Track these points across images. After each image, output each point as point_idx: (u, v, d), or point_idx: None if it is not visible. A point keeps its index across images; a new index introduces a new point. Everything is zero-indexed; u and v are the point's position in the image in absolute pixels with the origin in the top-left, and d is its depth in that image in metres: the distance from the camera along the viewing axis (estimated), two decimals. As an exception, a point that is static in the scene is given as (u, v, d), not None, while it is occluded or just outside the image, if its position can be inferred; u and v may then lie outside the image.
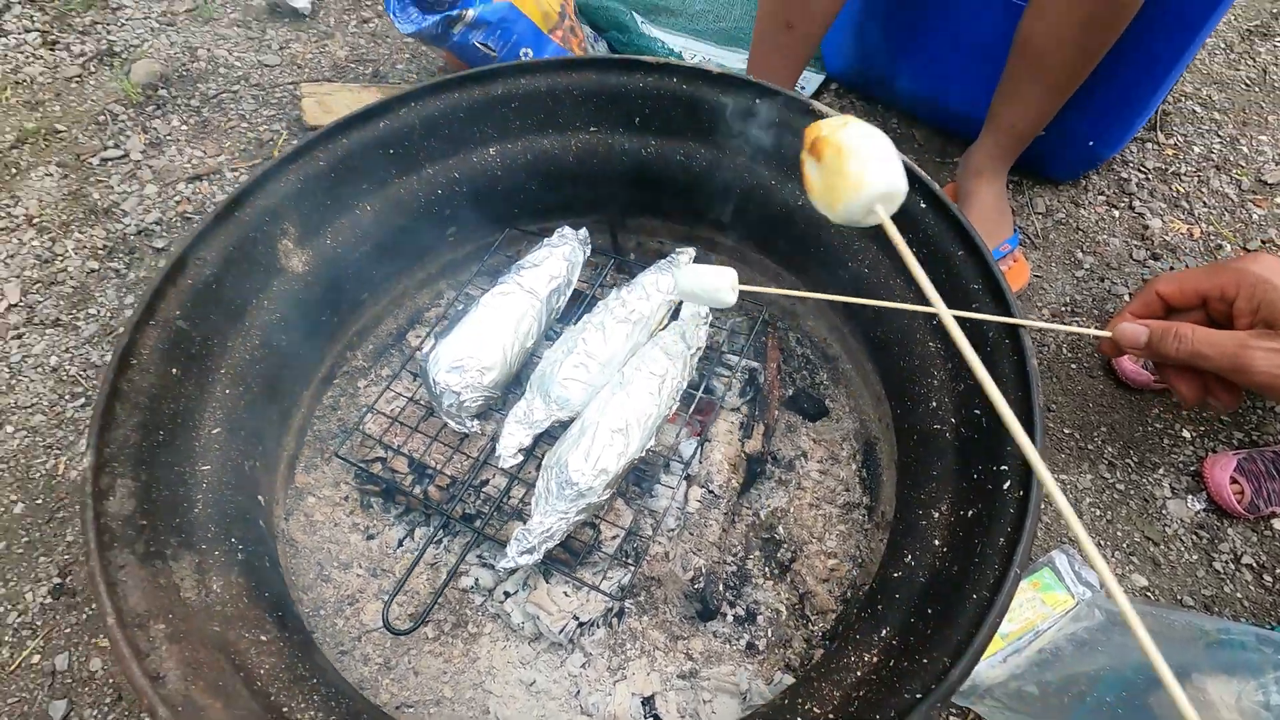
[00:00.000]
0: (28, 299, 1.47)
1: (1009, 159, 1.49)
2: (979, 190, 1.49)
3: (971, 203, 1.50)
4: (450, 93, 1.00)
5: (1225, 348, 0.54)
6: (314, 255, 0.97)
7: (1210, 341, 0.55)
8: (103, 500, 0.66)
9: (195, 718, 0.55)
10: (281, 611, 0.74)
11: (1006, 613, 0.56)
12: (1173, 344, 0.57)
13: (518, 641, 0.89)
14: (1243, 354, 0.54)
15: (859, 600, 0.84)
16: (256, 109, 1.83)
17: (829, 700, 0.61)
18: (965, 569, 0.62)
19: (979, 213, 1.49)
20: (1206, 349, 0.55)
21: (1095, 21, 1.17)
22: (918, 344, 0.85)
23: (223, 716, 0.57)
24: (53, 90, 1.85)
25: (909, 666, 0.58)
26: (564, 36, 1.66)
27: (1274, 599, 1.15)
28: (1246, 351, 0.53)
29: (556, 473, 0.83)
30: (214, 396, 0.83)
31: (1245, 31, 2.14)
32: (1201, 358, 0.56)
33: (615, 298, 0.97)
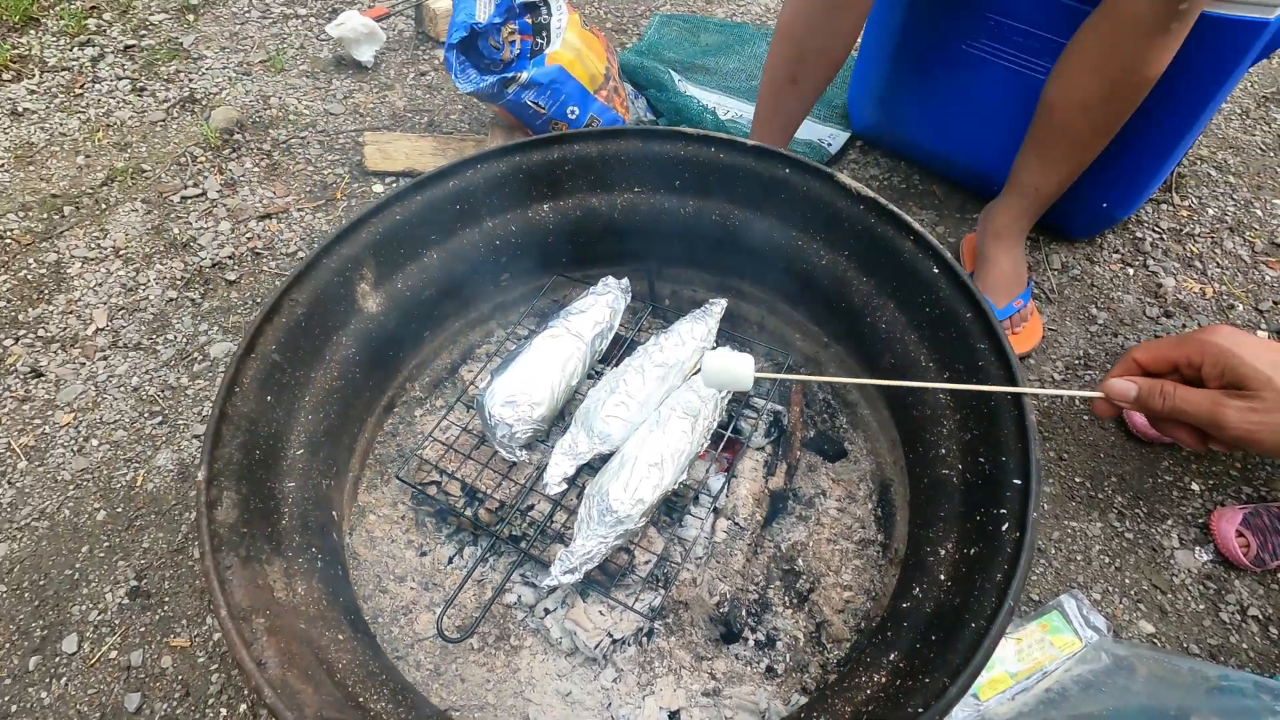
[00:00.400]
0: (113, 324, 1.62)
1: (1030, 220, 1.55)
2: (998, 254, 1.55)
3: (990, 266, 1.56)
4: (513, 156, 1.13)
5: (1202, 405, 0.61)
6: (386, 298, 1.08)
7: (1188, 399, 0.62)
8: (213, 509, 0.76)
9: (292, 699, 0.64)
10: (353, 615, 0.84)
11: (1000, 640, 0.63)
12: (1158, 400, 0.64)
13: (555, 655, 0.98)
14: (1217, 410, 0.60)
15: (871, 629, 0.91)
16: (321, 154, 1.98)
17: (841, 715, 0.68)
18: (966, 601, 0.70)
19: (997, 275, 1.55)
20: (1186, 405, 0.62)
21: (1118, 91, 1.24)
22: (929, 395, 0.93)
23: (313, 700, 0.66)
24: (139, 133, 2.03)
25: (912, 685, 0.65)
26: (608, 96, 1.79)
27: (1279, 651, 1.19)
28: (1221, 409, 0.60)
29: (598, 501, 0.92)
30: (299, 421, 0.94)
31: (1261, 98, 2.22)
32: (1182, 413, 0.63)
33: (654, 343, 1.07)
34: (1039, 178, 1.45)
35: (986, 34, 1.55)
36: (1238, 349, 0.60)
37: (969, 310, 0.90)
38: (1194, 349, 0.63)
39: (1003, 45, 1.54)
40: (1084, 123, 1.31)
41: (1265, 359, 0.59)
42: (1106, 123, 1.31)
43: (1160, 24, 1.15)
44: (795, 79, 1.43)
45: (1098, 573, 1.27)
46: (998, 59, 1.56)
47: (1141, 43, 1.18)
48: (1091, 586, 1.26)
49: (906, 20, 1.65)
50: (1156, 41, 1.17)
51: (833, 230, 1.07)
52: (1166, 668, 1.09)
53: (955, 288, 0.92)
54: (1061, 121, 1.34)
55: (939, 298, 0.93)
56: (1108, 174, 1.61)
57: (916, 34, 1.65)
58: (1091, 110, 1.28)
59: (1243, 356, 0.59)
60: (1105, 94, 1.26)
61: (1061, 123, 1.34)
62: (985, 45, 1.56)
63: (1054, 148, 1.39)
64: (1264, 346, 0.60)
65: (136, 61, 2.24)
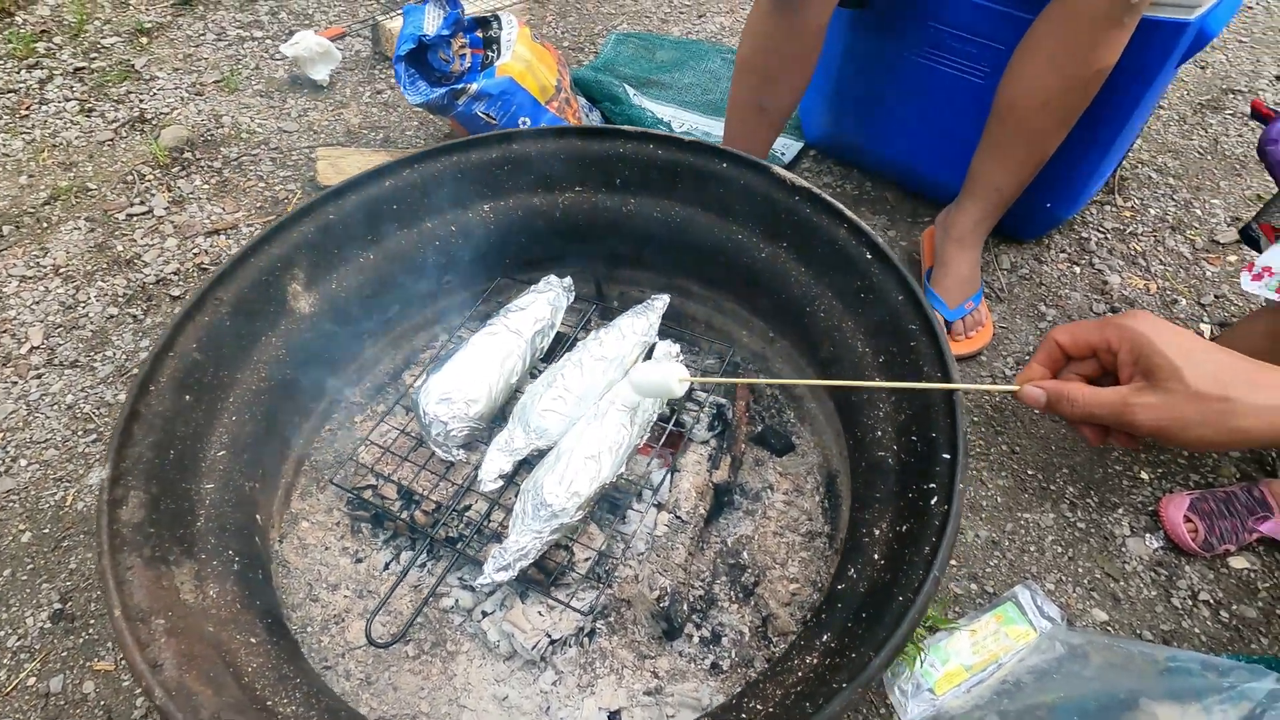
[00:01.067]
0: (49, 342, 1.57)
1: (991, 223, 1.55)
2: (959, 259, 1.55)
3: (948, 270, 1.56)
4: (450, 156, 1.12)
5: (1112, 406, 0.60)
6: (320, 298, 1.06)
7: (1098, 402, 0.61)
8: (117, 508, 0.73)
9: (187, 701, 0.61)
10: (271, 620, 0.80)
11: (926, 611, 0.61)
12: (1067, 406, 0.63)
13: (494, 660, 0.94)
14: (1126, 411, 0.59)
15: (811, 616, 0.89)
16: (274, 170, 1.97)
17: (771, 698, 0.66)
18: (895, 577, 0.68)
19: (953, 280, 1.55)
20: (1095, 409, 0.61)
21: (1073, 84, 1.27)
22: (867, 378, 0.93)
23: (212, 702, 0.62)
24: (86, 153, 2.00)
25: (840, 662, 0.63)
26: (560, 107, 1.81)
27: (1230, 634, 1.19)
28: (1129, 408, 0.59)
29: (532, 495, 0.90)
30: (221, 422, 0.91)
31: (1197, 105, 2.30)
32: (1093, 416, 0.62)
33: (594, 338, 1.06)
34: (1000, 179, 1.45)
35: (929, 42, 1.59)
36: (1154, 337, 0.59)
37: (899, 292, 0.90)
38: (1113, 334, 0.62)
39: (945, 53, 1.57)
40: (1042, 118, 1.33)
41: (1177, 348, 0.58)
42: (1064, 116, 1.33)
43: (1114, 17, 1.17)
44: (763, 107, 1.46)
45: (1051, 563, 1.27)
46: (941, 66, 1.60)
47: (1095, 35, 1.20)
48: (1045, 577, 1.25)
49: (853, 32, 1.69)
50: (1110, 34, 1.20)
51: (771, 222, 1.07)
52: (1119, 654, 1.08)
53: (886, 271, 0.92)
54: (1020, 119, 1.35)
55: (871, 282, 0.94)
56: (1049, 175, 1.64)
57: (863, 44, 1.69)
58: (1050, 105, 1.30)
59: (1157, 345, 0.59)
60: (1062, 87, 1.27)
61: (1020, 121, 1.35)
62: (928, 53, 1.60)
63: (1014, 147, 1.40)
64: (1178, 335, 0.59)
65: (86, 83, 2.21)
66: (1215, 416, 0.57)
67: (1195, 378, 0.57)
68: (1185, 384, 0.58)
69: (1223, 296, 1.73)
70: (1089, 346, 0.65)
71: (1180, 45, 1.39)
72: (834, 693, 0.58)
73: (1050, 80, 1.27)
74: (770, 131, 1.50)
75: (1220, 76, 2.39)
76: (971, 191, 1.51)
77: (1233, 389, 0.57)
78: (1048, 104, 1.30)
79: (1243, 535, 1.23)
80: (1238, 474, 1.38)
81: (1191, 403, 0.58)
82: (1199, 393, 0.58)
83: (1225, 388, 0.57)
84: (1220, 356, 0.59)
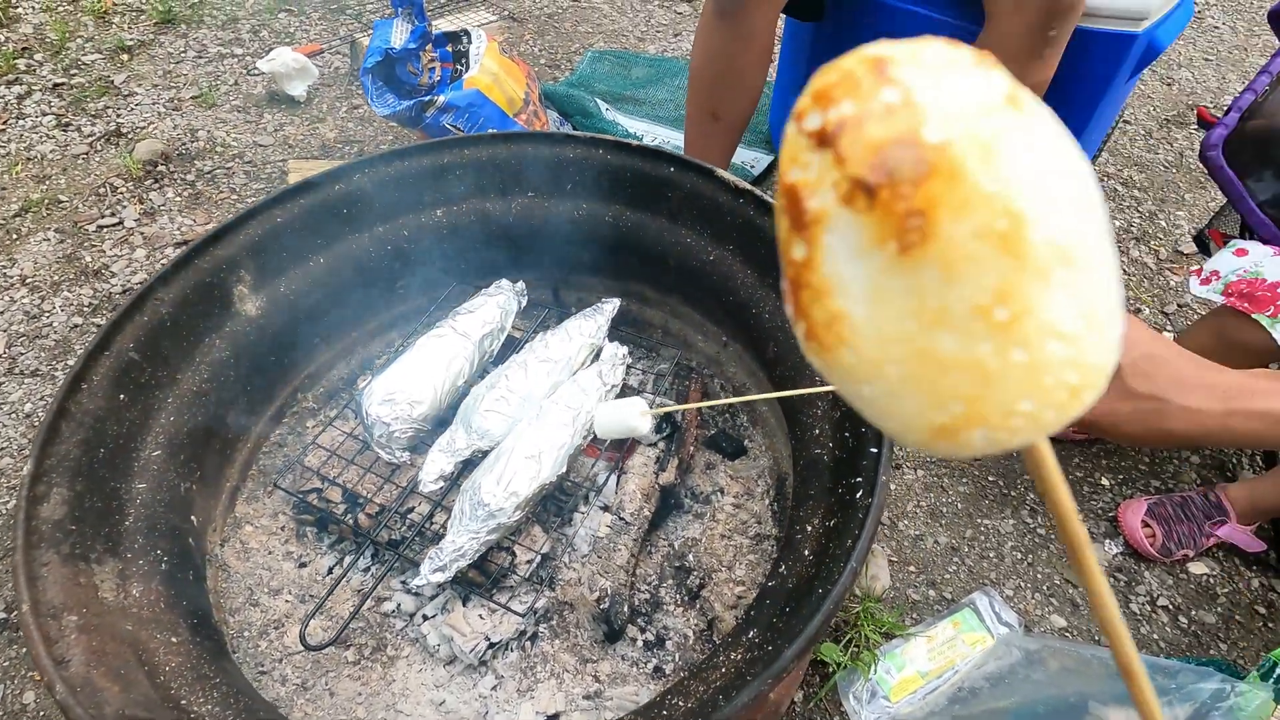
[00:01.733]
0: (11, 350, 1.56)
1: None
2: None
3: None
4: (401, 161, 1.13)
5: None
6: (268, 301, 1.06)
7: None
8: (37, 505, 0.72)
9: (92, 697, 0.60)
10: (197, 620, 0.79)
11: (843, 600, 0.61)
12: None
13: (434, 665, 0.93)
14: None
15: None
16: (246, 183, 1.98)
17: (694, 695, 0.65)
18: (819, 571, 0.68)
19: None
20: None
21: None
22: (805, 380, 0.93)
23: (118, 699, 0.61)
24: (60, 166, 2.01)
25: (758, 656, 0.63)
26: (528, 119, 1.83)
27: (1189, 640, 1.18)
28: None
29: (470, 495, 0.89)
30: (158, 423, 0.90)
31: (1163, 120, 2.33)
32: None
33: (540, 340, 1.06)
34: None
35: (887, 55, 1.61)
36: None
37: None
38: None
39: (902, 64, 1.60)
40: None
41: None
42: None
43: (1034, 51, 1.25)
44: (716, 115, 1.48)
45: (1010, 569, 1.26)
46: (899, 78, 1.62)
47: (1019, 68, 1.27)
48: (1004, 583, 1.24)
49: (814, 44, 1.72)
50: (1031, 65, 1.27)
51: (717, 225, 1.08)
52: (1074, 658, 1.07)
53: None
54: None
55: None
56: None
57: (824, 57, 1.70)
58: None
59: None
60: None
61: None
62: (886, 65, 1.63)
63: None
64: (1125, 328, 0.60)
65: (64, 99, 2.23)
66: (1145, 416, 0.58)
67: (1132, 376, 0.58)
68: (1122, 380, 0.59)
69: (1186, 305, 1.74)
70: None
71: (1130, 57, 1.42)
72: (744, 684, 0.57)
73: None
74: (726, 139, 1.52)
75: (1186, 93, 2.43)
76: None
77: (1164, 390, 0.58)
78: None
79: (1200, 540, 1.23)
80: (1198, 479, 1.38)
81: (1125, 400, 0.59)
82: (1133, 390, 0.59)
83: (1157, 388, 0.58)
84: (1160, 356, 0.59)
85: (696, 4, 2.77)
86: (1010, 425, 0.25)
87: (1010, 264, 0.22)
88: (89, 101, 2.21)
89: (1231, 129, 1.14)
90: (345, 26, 2.56)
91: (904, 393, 0.25)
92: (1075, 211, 0.23)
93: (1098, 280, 0.24)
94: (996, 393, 0.24)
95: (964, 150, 0.22)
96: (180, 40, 2.48)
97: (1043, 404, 0.25)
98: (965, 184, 0.22)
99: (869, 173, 0.22)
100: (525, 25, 2.61)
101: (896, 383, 0.25)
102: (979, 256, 0.22)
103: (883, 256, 0.23)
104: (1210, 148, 1.12)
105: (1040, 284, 0.23)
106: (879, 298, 0.24)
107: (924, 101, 0.22)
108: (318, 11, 2.62)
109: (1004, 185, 0.22)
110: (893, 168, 0.22)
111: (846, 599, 0.99)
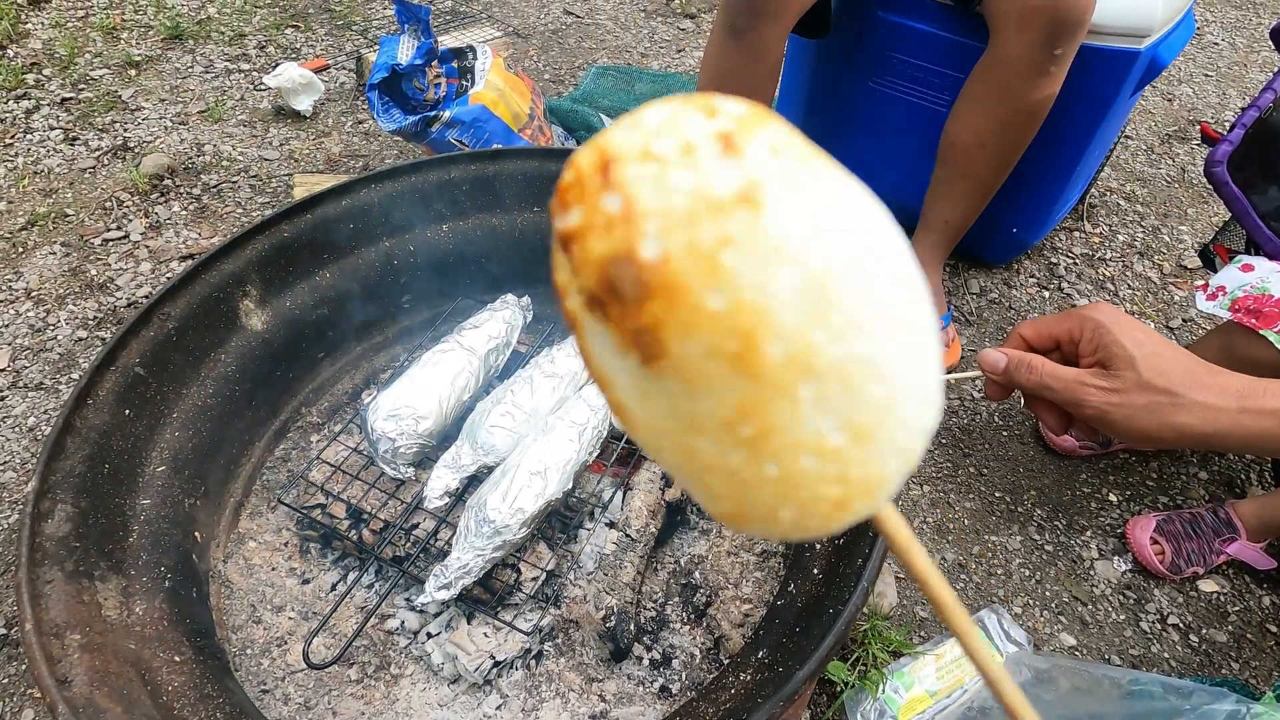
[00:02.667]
0: (15, 364, 1.56)
1: (945, 251, 1.61)
2: None
3: None
4: (408, 176, 1.13)
5: (1066, 381, 0.61)
6: (274, 316, 1.06)
7: (1055, 375, 0.62)
8: (41, 521, 0.71)
9: (95, 718, 0.59)
10: (201, 638, 0.78)
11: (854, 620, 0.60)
12: (1024, 373, 0.64)
13: (438, 684, 0.92)
14: (1078, 389, 0.60)
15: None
16: (252, 197, 1.99)
17: (703, 717, 0.64)
18: (829, 590, 0.67)
19: None
20: (1051, 381, 0.62)
21: (1009, 126, 1.34)
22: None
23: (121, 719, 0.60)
24: (67, 179, 2.02)
25: (768, 677, 0.62)
26: (533, 135, 1.83)
27: (1200, 659, 1.16)
28: (1082, 387, 0.60)
29: (476, 511, 0.88)
30: (163, 438, 0.90)
31: (1165, 135, 2.34)
32: (1047, 389, 0.63)
33: (545, 355, 1.06)
34: (948, 212, 1.52)
35: (891, 71, 1.62)
36: (1113, 327, 0.60)
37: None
38: (1075, 323, 0.63)
39: (907, 81, 1.61)
40: (982, 156, 1.40)
41: (1134, 338, 0.59)
42: (1003, 155, 1.40)
43: (1040, 68, 1.26)
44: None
45: (1018, 586, 1.25)
46: (902, 94, 1.63)
47: (1024, 84, 1.28)
48: (1012, 600, 1.23)
49: (817, 61, 1.73)
50: (1038, 82, 1.28)
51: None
52: (1086, 678, 1.06)
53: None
54: (962, 157, 1.42)
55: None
56: (1015, 201, 1.67)
57: (828, 74, 1.73)
58: (987, 145, 1.37)
59: (1115, 334, 0.60)
60: (998, 128, 1.36)
61: (962, 159, 1.43)
62: (890, 82, 1.64)
63: (958, 182, 1.47)
64: (1137, 328, 0.60)
65: (72, 113, 2.25)
66: (1159, 409, 0.58)
67: (1146, 369, 0.58)
68: (1137, 373, 0.59)
69: (1190, 320, 1.74)
70: (1052, 338, 0.66)
71: (1133, 74, 1.43)
72: (755, 707, 0.56)
73: (986, 122, 1.35)
74: None
75: (1187, 109, 2.44)
76: (925, 224, 1.58)
77: (1179, 385, 0.58)
78: (985, 144, 1.38)
79: (1210, 557, 1.22)
80: (1206, 495, 1.37)
81: (1139, 392, 0.59)
82: (1148, 383, 0.59)
83: (1172, 382, 0.58)
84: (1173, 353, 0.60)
85: (699, 20, 2.79)
86: (783, 526, 0.24)
87: (748, 384, 0.21)
88: (96, 116, 2.23)
89: (1236, 145, 1.14)
90: (351, 42, 2.58)
91: (684, 481, 0.25)
92: (834, 311, 0.21)
93: (868, 385, 0.22)
94: (758, 498, 0.24)
95: (683, 267, 0.20)
96: (187, 55, 2.50)
97: (804, 514, 0.24)
98: (687, 304, 0.20)
99: (597, 288, 0.21)
100: (530, 41, 2.63)
101: (675, 471, 0.25)
102: (714, 376, 0.21)
103: (633, 362, 0.22)
104: (1215, 164, 1.12)
105: (784, 401, 0.21)
106: (643, 397, 0.24)
107: (644, 210, 0.21)
108: (324, 27, 2.65)
109: (731, 302, 0.20)
110: (616, 286, 0.21)
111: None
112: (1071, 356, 0.66)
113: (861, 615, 1.15)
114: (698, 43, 2.66)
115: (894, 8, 1.51)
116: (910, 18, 1.50)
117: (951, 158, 1.44)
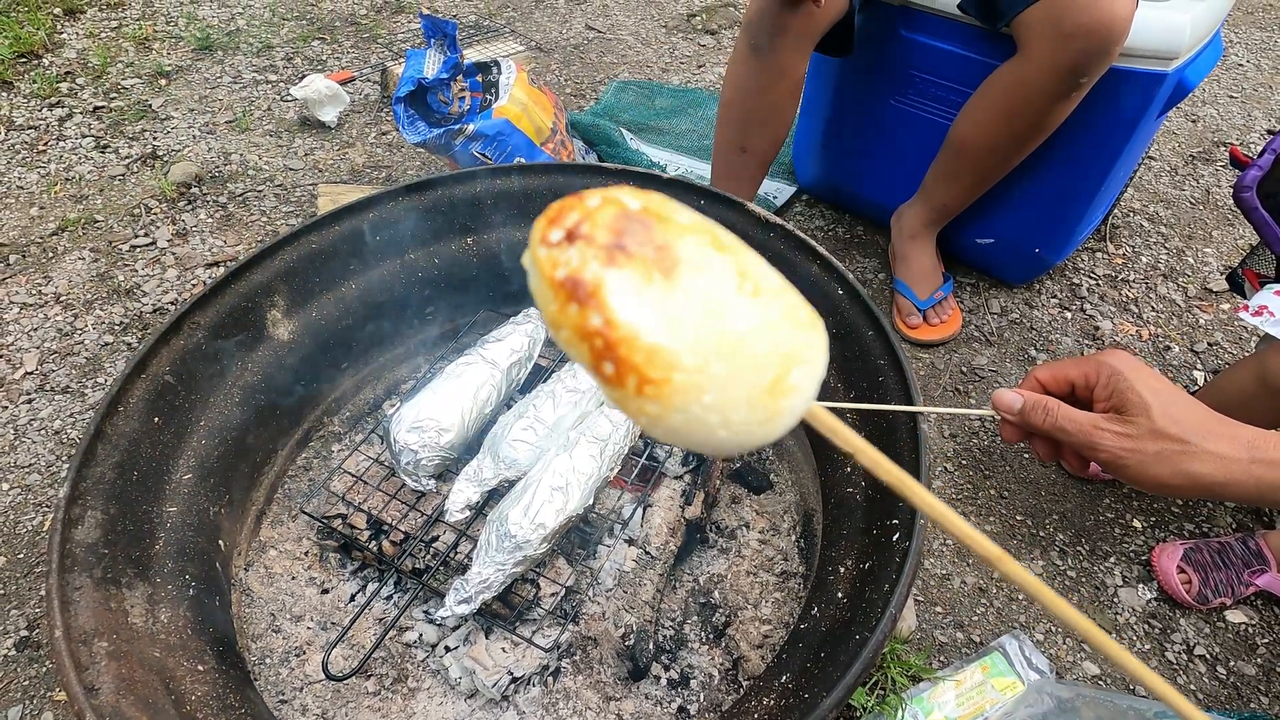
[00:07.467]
0: (43, 367, 1.59)
1: (940, 224, 1.69)
2: (916, 252, 1.68)
3: (910, 263, 1.69)
4: (435, 190, 1.15)
5: (1082, 425, 0.62)
6: (300, 326, 1.07)
7: (1070, 418, 0.63)
8: (71, 528, 0.72)
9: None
10: (223, 648, 0.78)
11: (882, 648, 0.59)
12: (1040, 416, 0.64)
13: (455, 698, 0.91)
14: (1093, 433, 0.61)
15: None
16: (276, 205, 2.01)
17: (725, 741, 0.64)
18: (855, 615, 0.66)
19: (918, 271, 1.68)
20: (1066, 424, 0.63)
21: (1022, 137, 1.39)
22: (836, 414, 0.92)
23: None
24: (97, 186, 2.05)
25: (793, 704, 0.61)
26: (555, 148, 1.85)
27: (1229, 692, 1.14)
28: (1097, 432, 0.61)
29: (497, 526, 0.88)
30: (190, 446, 0.91)
31: (1189, 156, 2.32)
32: (1062, 431, 0.64)
33: (568, 370, 1.06)
34: (947, 198, 1.59)
35: (913, 90, 1.62)
36: (1129, 374, 0.61)
37: (870, 329, 0.90)
38: (1091, 368, 0.64)
39: (928, 99, 1.61)
40: (991, 159, 1.46)
41: (1149, 386, 0.60)
42: (1010, 159, 1.46)
43: (1062, 94, 1.29)
44: (745, 148, 1.52)
45: (1040, 612, 1.23)
46: (925, 113, 1.63)
47: (1045, 105, 1.32)
48: (1034, 627, 1.21)
49: (840, 79, 1.73)
50: (1058, 105, 1.32)
51: (747, 259, 1.08)
52: (1109, 708, 1.04)
53: (858, 309, 0.93)
54: (970, 156, 1.47)
55: (843, 318, 0.94)
56: (1038, 221, 1.66)
57: (850, 92, 1.73)
58: (998, 149, 1.42)
59: (1131, 382, 0.61)
60: (1011, 139, 1.40)
61: (970, 157, 1.48)
62: (912, 100, 1.64)
63: (961, 175, 1.53)
64: (1153, 376, 0.61)
65: (104, 121, 2.29)
66: (1172, 456, 0.60)
67: (1160, 417, 0.60)
68: (1151, 420, 0.60)
69: (1216, 344, 1.71)
70: (1068, 381, 0.67)
71: (1160, 96, 1.42)
72: (781, 734, 0.56)
73: (1000, 129, 1.39)
74: (754, 172, 1.54)
75: (1211, 130, 2.42)
76: (923, 199, 1.64)
77: (1192, 434, 0.59)
78: (995, 148, 1.42)
79: (1238, 589, 1.19)
80: (1233, 524, 1.34)
81: (1153, 440, 0.60)
82: (1162, 431, 0.60)
83: (1185, 431, 0.59)
84: (1187, 403, 0.61)
85: (720, 36, 2.81)
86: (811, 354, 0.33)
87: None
88: (127, 124, 2.27)
89: (1266, 171, 1.13)
90: (376, 55, 2.62)
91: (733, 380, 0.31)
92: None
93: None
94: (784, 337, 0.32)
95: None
96: (216, 66, 2.55)
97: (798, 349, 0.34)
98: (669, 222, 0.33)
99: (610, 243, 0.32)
100: (552, 55, 2.65)
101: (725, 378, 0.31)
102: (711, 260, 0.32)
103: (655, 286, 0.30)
104: (1244, 189, 1.11)
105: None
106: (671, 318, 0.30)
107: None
108: (349, 40, 2.69)
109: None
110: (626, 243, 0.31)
111: (875, 641, 0.97)
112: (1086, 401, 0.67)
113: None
114: (718, 58, 2.68)
115: (918, 27, 1.52)
116: (935, 37, 1.50)
117: (959, 155, 1.48)
